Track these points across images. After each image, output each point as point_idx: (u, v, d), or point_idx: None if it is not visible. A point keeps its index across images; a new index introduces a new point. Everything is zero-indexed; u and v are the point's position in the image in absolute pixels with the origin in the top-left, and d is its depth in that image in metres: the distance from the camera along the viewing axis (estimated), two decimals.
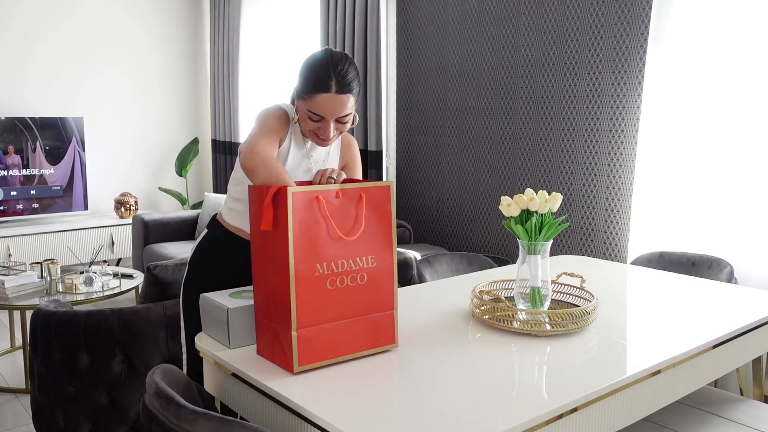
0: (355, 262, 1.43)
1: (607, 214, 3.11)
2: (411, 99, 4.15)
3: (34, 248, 4.90)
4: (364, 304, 1.44)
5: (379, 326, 1.47)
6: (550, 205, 1.66)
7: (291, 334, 1.35)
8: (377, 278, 1.46)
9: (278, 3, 5.16)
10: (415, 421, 1.17)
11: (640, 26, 2.90)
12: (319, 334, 1.38)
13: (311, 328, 1.37)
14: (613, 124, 3.05)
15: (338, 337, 1.41)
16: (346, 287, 1.42)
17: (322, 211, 1.38)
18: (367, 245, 1.44)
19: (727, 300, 1.97)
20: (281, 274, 1.36)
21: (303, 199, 1.36)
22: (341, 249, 1.41)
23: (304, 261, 1.36)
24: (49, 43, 5.26)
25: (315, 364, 1.38)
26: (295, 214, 1.34)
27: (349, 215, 1.42)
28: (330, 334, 1.40)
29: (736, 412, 1.82)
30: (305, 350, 1.36)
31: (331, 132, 1.69)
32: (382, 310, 1.47)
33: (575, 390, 1.29)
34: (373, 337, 1.46)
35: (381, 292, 1.47)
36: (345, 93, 1.64)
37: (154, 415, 1.16)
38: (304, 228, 1.36)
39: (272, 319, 1.41)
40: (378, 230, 1.46)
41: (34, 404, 2.30)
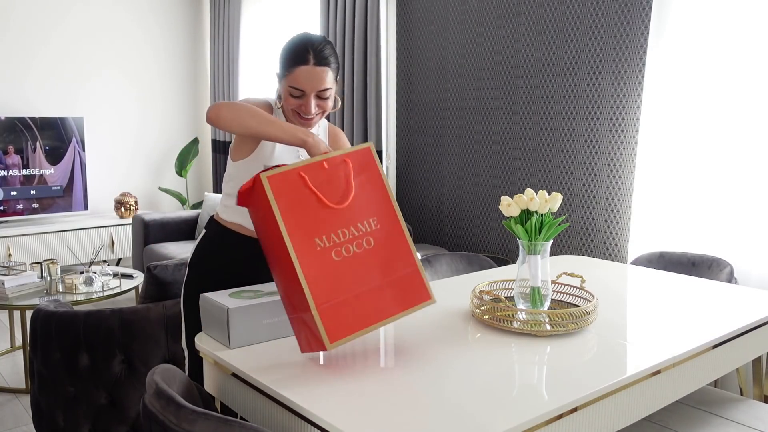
0: (356, 228, 1.40)
1: (607, 214, 3.11)
2: (411, 99, 4.15)
3: (34, 248, 4.90)
4: (381, 267, 1.41)
5: (406, 286, 1.43)
6: (550, 205, 1.66)
7: (312, 314, 1.31)
8: (386, 239, 1.43)
9: (278, 3, 5.16)
10: (416, 421, 1.17)
11: (640, 26, 2.90)
12: (341, 307, 1.34)
13: (331, 302, 1.33)
14: (613, 124, 3.05)
15: (365, 305, 1.37)
16: (354, 255, 1.39)
17: (308, 187, 1.37)
18: (364, 209, 1.42)
19: (727, 300, 1.97)
20: (285, 260, 1.34)
21: (283, 180, 1.35)
22: (338, 218, 1.39)
23: (301, 240, 1.34)
24: (49, 43, 5.27)
25: (349, 336, 1.34)
26: (279, 197, 1.33)
27: (339, 184, 1.41)
28: (354, 304, 1.36)
29: (736, 412, 1.82)
30: (332, 325, 1.32)
31: (312, 107, 1.72)
32: (404, 269, 1.43)
33: (575, 390, 1.29)
34: (404, 297, 1.42)
35: (396, 251, 1.43)
36: (323, 66, 1.69)
37: (154, 415, 1.16)
38: (292, 206, 1.34)
39: (297, 309, 1.39)
40: (371, 192, 1.44)
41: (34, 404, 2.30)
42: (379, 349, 1.53)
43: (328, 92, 1.73)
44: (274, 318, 1.55)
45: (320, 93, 1.72)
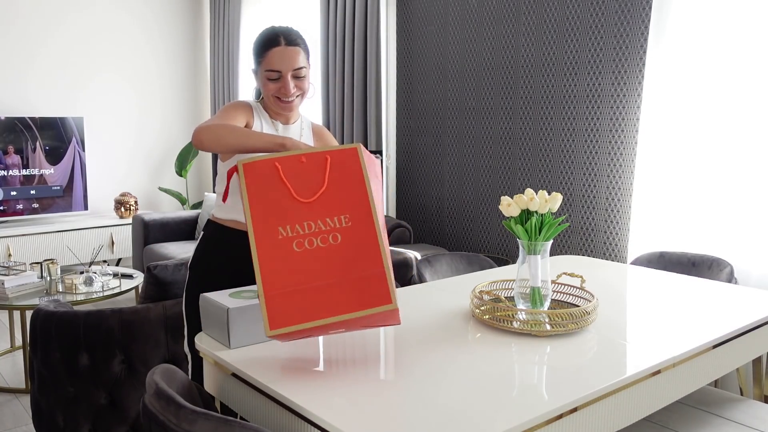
0: (324, 223, 1.41)
1: (607, 214, 3.11)
2: (411, 99, 4.15)
3: (34, 248, 4.90)
4: (344, 264, 1.40)
5: (367, 286, 1.40)
6: (550, 205, 1.66)
7: (260, 300, 1.34)
8: (356, 237, 1.42)
9: (278, 3, 5.17)
10: (416, 421, 1.17)
11: (640, 26, 2.90)
12: (291, 296, 1.35)
13: (282, 291, 1.35)
14: (613, 124, 3.05)
15: (317, 299, 1.36)
16: (317, 248, 1.39)
17: (279, 177, 1.40)
18: (336, 205, 1.42)
19: (727, 300, 1.97)
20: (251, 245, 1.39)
21: (257, 167, 1.40)
22: (305, 211, 1.41)
23: (264, 226, 1.37)
24: (49, 44, 5.27)
25: (291, 327, 1.33)
26: (249, 182, 1.38)
27: (313, 179, 1.43)
28: (306, 296, 1.36)
29: (736, 412, 1.82)
30: (276, 313, 1.33)
31: (291, 87, 1.80)
32: (368, 269, 1.41)
33: (575, 390, 1.29)
34: (361, 297, 1.39)
35: (363, 251, 1.42)
36: (293, 45, 1.80)
37: (154, 415, 1.16)
38: (260, 194, 1.39)
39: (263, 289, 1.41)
40: (349, 190, 1.44)
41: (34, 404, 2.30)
42: (379, 350, 1.53)
43: (302, 71, 1.82)
44: None
45: (296, 72, 1.80)
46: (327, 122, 4.50)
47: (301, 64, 1.81)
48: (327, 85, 4.47)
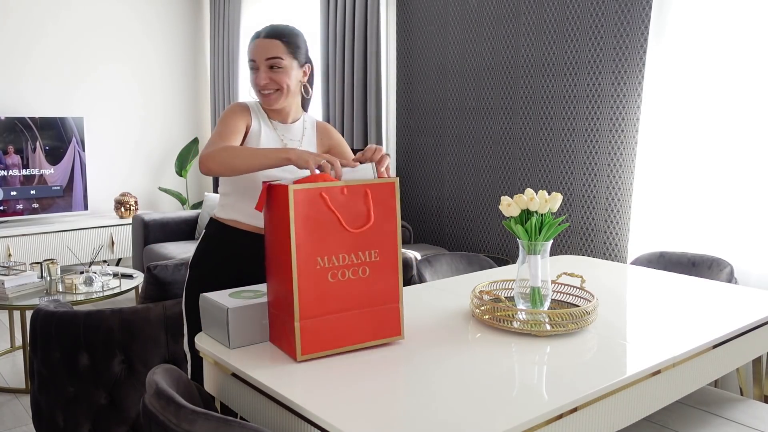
0: (357, 256, 1.47)
1: (607, 214, 3.11)
2: (411, 99, 4.15)
3: (34, 248, 4.90)
4: (367, 296, 1.49)
5: (383, 318, 1.51)
6: (550, 205, 1.66)
7: (294, 324, 1.40)
8: (380, 272, 1.50)
9: (278, 3, 5.17)
10: (416, 421, 1.17)
11: (640, 26, 2.90)
12: (321, 325, 1.43)
13: (314, 319, 1.42)
14: (613, 124, 3.05)
15: (341, 328, 1.46)
16: (347, 280, 1.46)
17: (328, 206, 1.43)
18: (371, 240, 1.48)
19: (727, 300, 1.97)
20: (286, 268, 1.42)
21: (305, 195, 1.41)
22: (344, 243, 1.45)
23: (305, 255, 1.41)
24: (49, 43, 5.27)
25: (318, 353, 1.43)
26: (298, 210, 1.40)
27: (358, 210, 1.47)
28: (332, 324, 1.45)
29: (736, 412, 1.82)
30: (308, 339, 1.42)
31: (262, 77, 1.82)
32: (386, 303, 1.51)
33: (575, 390, 1.29)
34: (378, 328, 1.51)
35: (385, 285, 1.51)
36: (271, 38, 1.82)
37: (154, 415, 1.16)
38: (306, 223, 1.41)
39: (281, 309, 1.47)
40: (384, 226, 1.50)
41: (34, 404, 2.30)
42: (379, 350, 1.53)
43: (277, 62, 1.81)
44: None
45: (270, 62, 1.81)
46: (327, 122, 4.50)
47: (273, 54, 1.81)
48: (327, 85, 4.47)
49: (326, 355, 1.44)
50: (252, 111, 1.92)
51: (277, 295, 1.49)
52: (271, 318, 1.53)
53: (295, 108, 1.95)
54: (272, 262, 1.51)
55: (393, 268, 1.52)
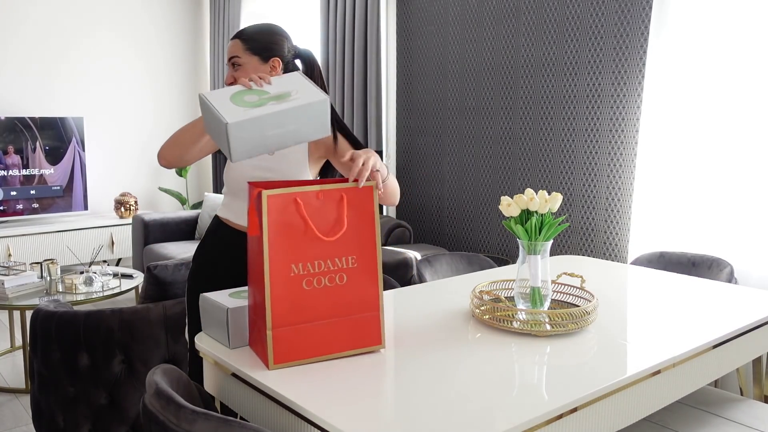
0: (333, 263, 1.43)
1: (607, 214, 3.11)
2: (411, 99, 4.15)
3: (34, 248, 4.90)
4: (345, 304, 1.44)
5: (362, 327, 1.47)
6: (550, 205, 1.66)
7: (266, 333, 1.37)
8: (359, 279, 1.45)
9: (278, 3, 5.17)
10: (416, 421, 1.17)
11: (640, 26, 2.90)
12: (296, 334, 1.40)
13: (287, 327, 1.39)
14: (613, 124, 3.05)
15: (317, 337, 1.42)
16: (324, 287, 1.42)
17: (300, 213, 1.39)
18: (347, 246, 1.44)
19: (727, 300, 1.97)
20: (260, 274, 1.39)
21: (280, 201, 1.37)
22: (319, 249, 1.41)
23: (279, 261, 1.37)
24: (49, 43, 5.27)
25: (292, 362, 1.40)
26: (271, 216, 1.36)
27: (329, 216, 1.42)
28: (308, 333, 1.41)
29: (736, 412, 1.82)
30: (281, 348, 1.39)
31: (227, 75, 1.90)
32: (365, 311, 1.47)
33: (575, 390, 1.29)
34: (357, 337, 1.46)
35: (363, 293, 1.46)
36: (233, 39, 1.91)
37: (154, 415, 1.16)
38: (280, 229, 1.37)
39: (257, 315, 1.44)
40: (360, 231, 1.45)
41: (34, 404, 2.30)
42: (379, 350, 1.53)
43: (236, 60, 1.88)
44: None
45: (232, 62, 1.89)
46: None
47: (232, 54, 1.88)
48: (327, 85, 4.46)
49: (301, 364, 1.41)
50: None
51: (255, 301, 1.45)
52: (250, 322, 1.51)
53: None
54: (251, 267, 1.48)
55: (372, 274, 1.46)
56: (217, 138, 1.53)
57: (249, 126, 1.46)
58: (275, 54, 1.91)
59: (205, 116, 1.58)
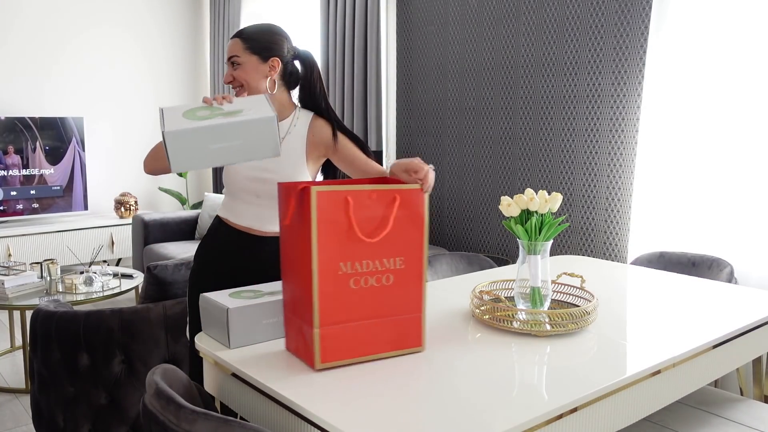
0: (381, 263, 1.42)
1: (607, 214, 3.11)
2: (411, 99, 4.15)
3: (34, 248, 4.90)
4: (389, 305, 1.44)
5: (404, 328, 1.47)
6: (550, 205, 1.66)
7: (313, 331, 1.36)
8: (404, 280, 1.45)
9: (278, 3, 5.17)
10: (415, 420, 1.17)
11: (640, 26, 2.90)
12: (341, 333, 1.39)
13: (334, 326, 1.38)
14: (613, 124, 3.05)
15: (362, 337, 1.42)
16: (370, 287, 1.42)
17: (347, 212, 1.38)
18: (396, 247, 1.44)
19: (727, 300, 1.97)
20: (306, 272, 1.38)
21: (329, 198, 1.36)
22: (369, 249, 1.41)
23: (328, 259, 1.36)
24: (49, 43, 5.26)
25: (337, 362, 1.40)
26: (321, 213, 1.35)
27: (376, 216, 1.42)
28: (353, 333, 1.41)
29: (736, 412, 1.82)
30: (327, 347, 1.38)
31: (227, 74, 1.91)
32: (408, 313, 1.47)
33: (575, 390, 1.29)
34: (398, 338, 1.47)
35: (408, 294, 1.47)
36: (233, 37, 1.91)
37: (154, 415, 1.16)
38: (330, 226, 1.36)
39: (298, 315, 1.43)
40: (409, 233, 1.45)
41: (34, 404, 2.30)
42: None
43: (235, 59, 1.89)
44: (274, 318, 1.55)
45: (231, 61, 1.89)
46: None
47: (232, 53, 1.89)
48: (327, 85, 4.47)
49: (344, 365, 1.40)
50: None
51: (295, 300, 1.45)
52: (287, 323, 1.50)
53: (281, 105, 1.94)
54: (289, 265, 1.47)
55: (417, 276, 1.47)
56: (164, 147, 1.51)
57: (188, 136, 1.45)
58: (275, 54, 1.90)
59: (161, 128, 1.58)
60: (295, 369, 1.40)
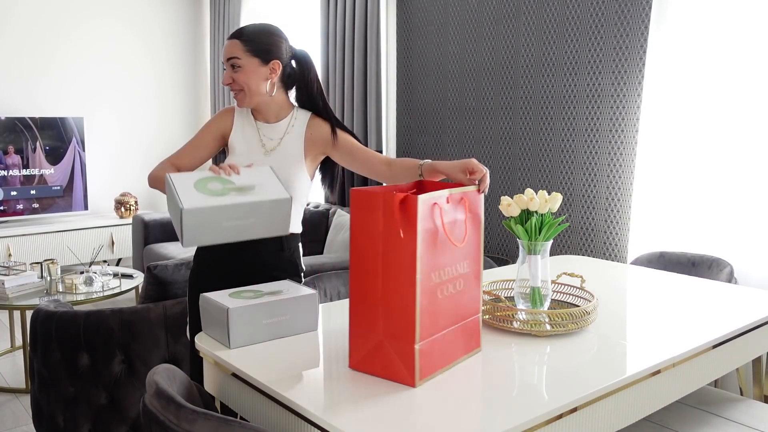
0: (455, 268, 1.38)
1: (607, 214, 3.11)
2: (411, 99, 4.15)
3: (34, 248, 4.90)
4: (461, 311, 1.41)
5: (470, 331, 1.44)
6: (550, 205, 1.66)
7: (413, 347, 1.27)
8: (469, 284, 1.42)
9: (278, 3, 5.17)
10: (415, 420, 1.17)
11: (640, 26, 2.90)
12: (433, 346, 1.32)
13: (428, 339, 1.31)
14: (613, 124, 3.05)
15: (445, 347, 1.36)
16: (450, 295, 1.37)
17: (439, 218, 1.32)
18: (464, 250, 1.40)
19: (727, 300, 1.97)
20: (401, 285, 1.28)
21: (426, 205, 1.28)
22: (449, 256, 1.36)
23: (426, 271, 1.29)
24: (50, 43, 5.27)
25: (430, 376, 1.33)
26: (421, 222, 1.27)
27: (457, 221, 1.37)
28: (440, 344, 1.35)
29: (736, 412, 1.82)
30: (424, 363, 1.30)
31: (225, 76, 1.88)
32: (472, 315, 1.45)
33: (575, 390, 1.29)
34: (467, 343, 1.43)
35: (472, 297, 1.44)
36: (232, 38, 1.87)
37: (154, 415, 1.16)
38: (426, 235, 1.29)
39: (378, 331, 1.32)
40: (473, 235, 1.42)
41: (34, 404, 2.30)
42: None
43: (235, 61, 1.85)
44: (274, 318, 1.55)
45: (230, 62, 1.86)
46: None
47: (232, 54, 1.85)
48: (327, 85, 4.47)
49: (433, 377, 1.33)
50: (237, 113, 1.97)
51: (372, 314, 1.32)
52: (357, 339, 1.36)
53: (279, 106, 1.94)
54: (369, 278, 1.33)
55: (478, 278, 1.44)
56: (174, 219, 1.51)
57: (205, 214, 1.45)
58: (275, 56, 1.88)
59: (168, 196, 1.57)
60: (295, 368, 1.40)
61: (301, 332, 1.61)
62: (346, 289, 2.19)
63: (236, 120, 1.95)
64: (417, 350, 1.28)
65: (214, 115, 1.99)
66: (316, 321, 1.64)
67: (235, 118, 1.96)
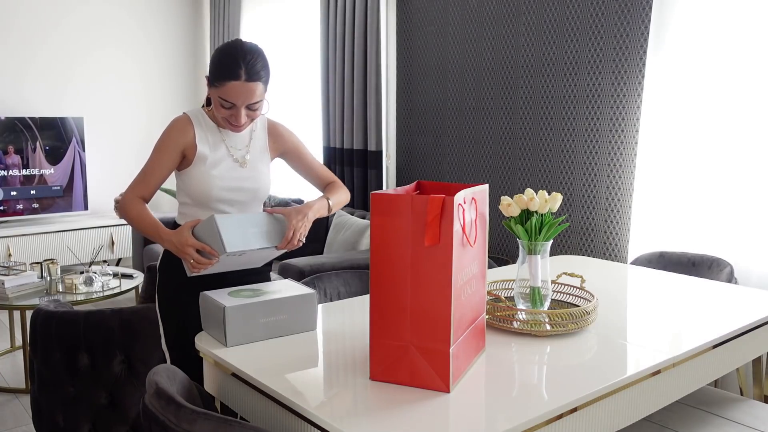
0: (470, 270, 1.36)
1: (607, 214, 3.11)
2: (411, 99, 4.15)
3: (34, 248, 4.90)
4: (473, 311, 1.40)
5: (478, 332, 1.43)
6: (550, 205, 1.66)
7: (448, 352, 1.24)
8: (478, 284, 1.41)
9: (278, 3, 5.16)
10: (415, 420, 1.17)
11: (640, 26, 2.90)
12: (458, 348, 1.30)
13: (456, 343, 1.28)
14: (613, 124, 3.05)
15: (464, 349, 1.35)
16: (468, 296, 1.35)
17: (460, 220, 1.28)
18: (475, 251, 1.38)
19: (727, 300, 1.97)
20: (433, 289, 1.24)
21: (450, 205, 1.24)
22: (469, 256, 1.34)
23: (456, 274, 1.26)
24: (50, 43, 5.27)
25: (458, 380, 1.31)
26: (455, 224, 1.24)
27: (471, 221, 1.35)
28: (462, 347, 1.33)
29: (736, 412, 1.82)
30: (455, 369, 1.28)
31: (243, 119, 1.76)
32: (479, 314, 1.44)
33: (575, 390, 1.29)
34: (477, 343, 1.43)
35: (481, 297, 1.43)
36: (254, 81, 1.71)
37: (154, 415, 1.16)
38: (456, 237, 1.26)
39: (404, 338, 1.28)
40: (481, 235, 1.41)
41: (34, 404, 2.30)
42: None
43: (257, 104, 1.76)
44: (271, 317, 1.56)
45: (251, 105, 1.74)
46: (327, 122, 4.49)
47: (257, 99, 1.73)
48: (327, 85, 4.47)
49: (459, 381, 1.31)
50: (195, 123, 1.87)
51: (395, 321, 1.28)
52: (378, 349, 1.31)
53: None
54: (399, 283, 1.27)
55: (484, 278, 1.43)
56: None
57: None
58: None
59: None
60: (295, 368, 1.40)
61: (300, 332, 1.61)
62: (346, 290, 2.19)
63: (197, 130, 1.87)
64: (451, 354, 1.24)
65: (169, 132, 1.91)
66: (315, 321, 1.64)
67: (195, 128, 1.87)
